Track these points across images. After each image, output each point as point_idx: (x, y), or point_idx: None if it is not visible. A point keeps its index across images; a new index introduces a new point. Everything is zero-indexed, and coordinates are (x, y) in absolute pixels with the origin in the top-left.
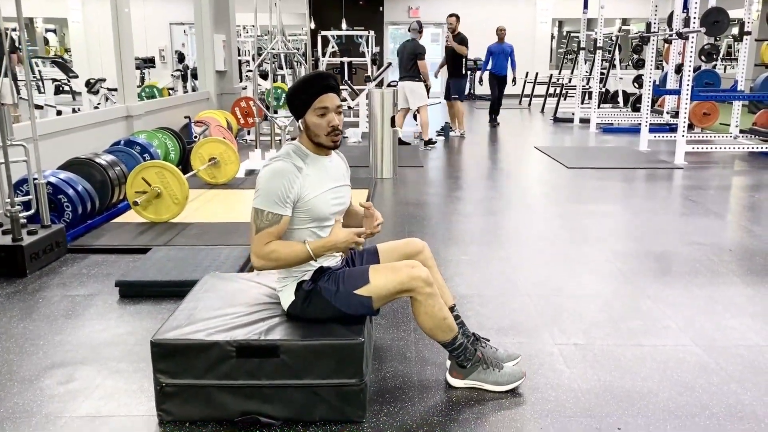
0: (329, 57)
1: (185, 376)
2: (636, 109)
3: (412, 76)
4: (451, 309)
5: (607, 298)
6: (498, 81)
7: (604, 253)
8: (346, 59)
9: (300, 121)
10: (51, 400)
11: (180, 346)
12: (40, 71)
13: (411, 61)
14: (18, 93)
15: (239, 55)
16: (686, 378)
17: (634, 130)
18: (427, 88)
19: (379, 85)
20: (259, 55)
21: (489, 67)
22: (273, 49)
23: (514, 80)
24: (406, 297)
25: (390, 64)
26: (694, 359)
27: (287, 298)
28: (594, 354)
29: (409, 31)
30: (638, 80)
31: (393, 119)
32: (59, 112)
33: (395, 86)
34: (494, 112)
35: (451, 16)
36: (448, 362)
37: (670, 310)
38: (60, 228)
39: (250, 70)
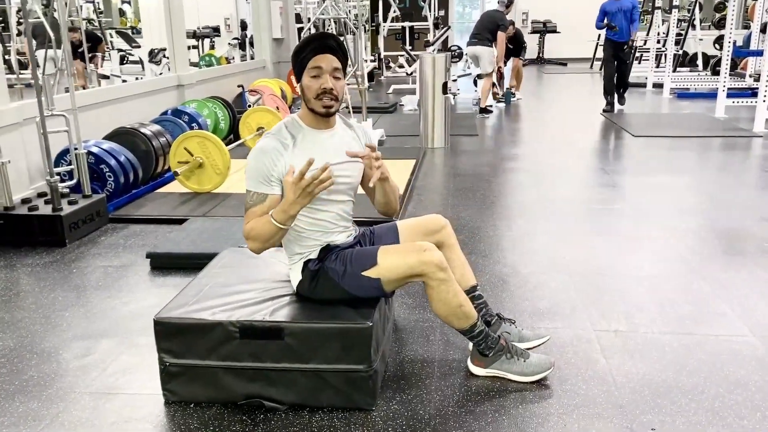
0: (390, 22)
1: (189, 356)
2: (716, 72)
3: (484, 40)
4: (473, 289)
5: (657, 279)
6: (616, 49)
7: (663, 230)
8: (407, 24)
9: (298, 85)
10: (65, 374)
11: (183, 325)
12: (112, 42)
13: (488, 29)
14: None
15: (299, 21)
16: (739, 374)
17: (713, 95)
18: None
19: (443, 49)
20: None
21: (603, 30)
22: (322, 14)
23: (629, 45)
24: (418, 281)
25: (449, 27)
26: (750, 352)
27: (295, 278)
28: (636, 342)
29: (497, 3)
30: (719, 41)
31: (445, 85)
32: (124, 81)
33: (456, 50)
34: (609, 93)
35: None
36: (471, 347)
37: (729, 294)
38: (101, 198)
39: None
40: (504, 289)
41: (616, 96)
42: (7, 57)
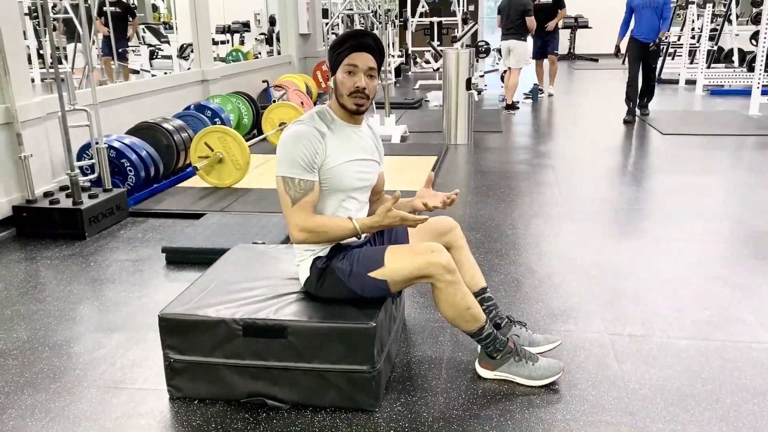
0: (418, 17)
1: (193, 352)
2: (752, 69)
3: (517, 34)
4: (483, 291)
5: (677, 283)
6: (642, 50)
7: (688, 232)
8: (435, 19)
9: (332, 78)
10: (75, 367)
11: (187, 322)
12: (143, 37)
13: (518, 18)
14: (124, 60)
15: (326, 17)
16: (757, 382)
17: (748, 92)
18: (547, 46)
19: (471, 44)
20: (348, 17)
21: (630, 28)
22: (349, 9)
23: (656, 44)
24: (426, 283)
25: (476, 23)
26: None
27: (303, 275)
28: (650, 348)
29: None
30: (756, 37)
31: (469, 81)
32: (154, 76)
33: (483, 46)
34: (632, 100)
35: None
36: (479, 349)
37: (751, 300)
38: (121, 192)
39: (335, 33)
40: (518, 289)
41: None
42: (41, 51)
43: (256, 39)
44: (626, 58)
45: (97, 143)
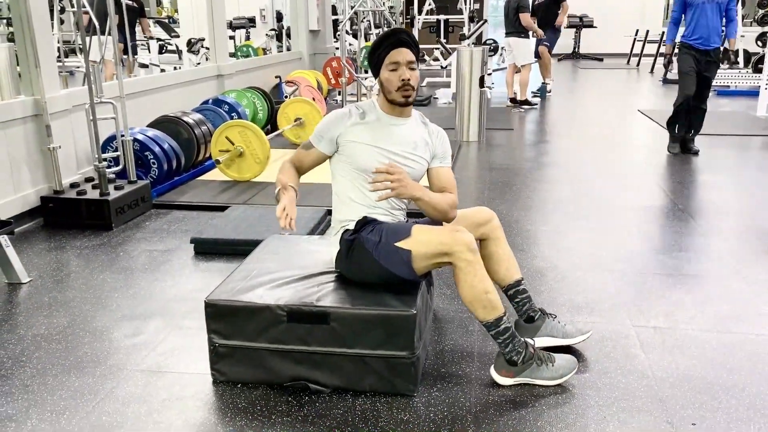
0: (425, 15)
1: (237, 337)
2: (758, 70)
3: (516, 32)
4: (518, 283)
5: (696, 278)
6: (700, 60)
7: (702, 228)
8: (442, 17)
9: (377, 79)
10: (117, 352)
11: (233, 307)
12: (151, 32)
13: (515, 16)
14: (135, 54)
15: (335, 14)
16: None
17: (754, 93)
18: (540, 40)
19: (477, 43)
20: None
21: (683, 32)
22: (361, 6)
23: (730, 55)
24: (447, 265)
25: (486, 21)
26: None
27: (335, 249)
28: (675, 339)
29: None
30: (762, 38)
31: (482, 79)
32: (162, 71)
33: (491, 44)
34: (679, 124)
35: None
36: (496, 355)
37: None
38: (145, 184)
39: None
40: (542, 283)
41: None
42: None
43: (267, 35)
44: (636, 57)
45: (122, 135)
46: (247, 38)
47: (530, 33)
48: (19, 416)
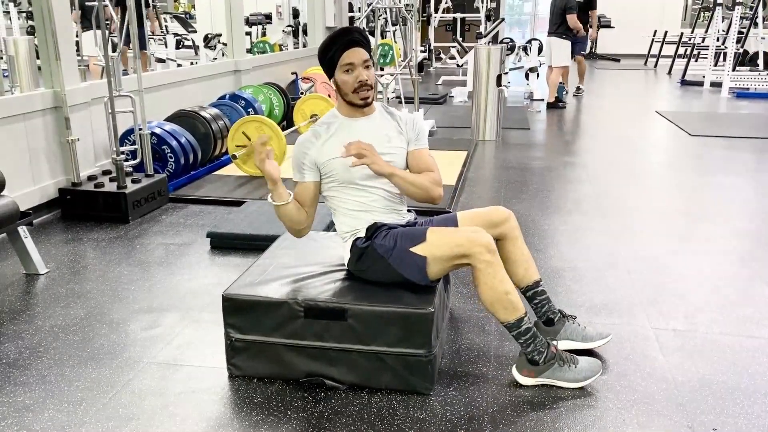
0: (441, 13)
1: (254, 332)
2: None
3: (559, 33)
4: (536, 284)
5: (718, 280)
6: None
7: (722, 231)
8: (458, 15)
9: (332, 81)
10: (133, 344)
11: (250, 302)
12: (167, 26)
13: (560, 16)
14: (144, 48)
15: (351, 11)
16: None
17: None
18: (579, 40)
19: (494, 41)
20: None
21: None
22: (378, 3)
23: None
24: (465, 267)
25: (503, 19)
26: None
27: (346, 255)
28: (695, 342)
29: None
30: None
31: (499, 78)
32: (179, 65)
33: (508, 43)
34: None
35: None
36: (518, 354)
37: None
38: (162, 177)
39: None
40: (559, 283)
41: None
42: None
43: (283, 31)
44: (654, 59)
45: (140, 129)
46: (263, 34)
47: (573, 34)
48: (36, 406)
